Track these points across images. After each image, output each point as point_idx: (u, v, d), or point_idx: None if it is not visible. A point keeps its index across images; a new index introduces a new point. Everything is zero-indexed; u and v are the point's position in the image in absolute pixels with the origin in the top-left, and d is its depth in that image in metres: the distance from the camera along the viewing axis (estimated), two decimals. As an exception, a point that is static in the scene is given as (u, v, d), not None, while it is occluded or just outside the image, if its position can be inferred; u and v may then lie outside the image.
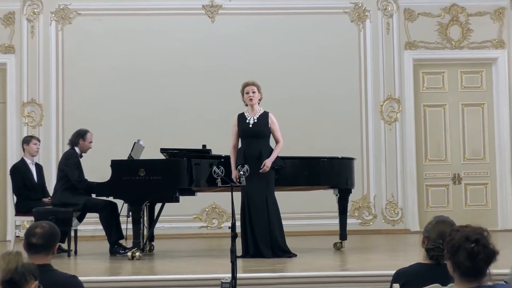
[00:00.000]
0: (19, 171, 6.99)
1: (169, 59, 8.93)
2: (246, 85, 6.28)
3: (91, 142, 6.88)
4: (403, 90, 9.08)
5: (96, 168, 7.20)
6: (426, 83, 9.26)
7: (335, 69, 9.02)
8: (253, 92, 6.23)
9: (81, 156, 6.82)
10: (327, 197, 7.47)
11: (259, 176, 6.03)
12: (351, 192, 6.91)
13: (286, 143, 6.39)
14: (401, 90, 9.08)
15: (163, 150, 6.43)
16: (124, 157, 6.47)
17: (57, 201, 6.60)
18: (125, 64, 8.88)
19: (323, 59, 9.02)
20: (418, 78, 9.23)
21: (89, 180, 6.75)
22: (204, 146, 6.60)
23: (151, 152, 6.71)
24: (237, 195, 5.74)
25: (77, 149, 6.80)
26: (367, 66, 9.07)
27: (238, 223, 5.47)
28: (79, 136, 6.83)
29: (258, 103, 6.29)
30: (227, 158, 6.28)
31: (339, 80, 9.02)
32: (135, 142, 6.68)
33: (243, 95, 6.28)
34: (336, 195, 6.84)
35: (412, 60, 9.12)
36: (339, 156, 6.81)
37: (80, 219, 6.78)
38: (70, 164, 6.66)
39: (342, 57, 9.04)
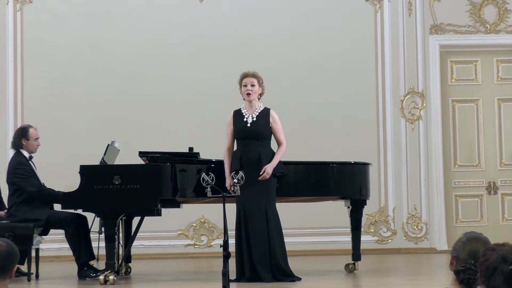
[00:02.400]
0: (-30, 179, 6.98)
1: (149, 45, 8.92)
2: (244, 76, 6.26)
3: (37, 138, 6.77)
4: (428, 82, 9.08)
5: (62, 176, 7.18)
6: (455, 74, 9.27)
7: (347, 58, 9.02)
8: (252, 85, 6.21)
9: (31, 158, 6.76)
10: (337, 210, 7.47)
11: (258, 185, 6.03)
12: (365, 204, 6.91)
13: (289, 145, 6.38)
14: (425, 82, 9.09)
15: (142, 154, 6.42)
16: (96, 161, 6.46)
17: (14, 218, 6.56)
18: (97, 51, 8.87)
19: (332, 46, 9.02)
20: (446, 68, 9.24)
21: (51, 188, 6.74)
22: (191, 149, 6.59)
23: (128, 156, 6.71)
24: (231, 207, 5.74)
25: (23, 151, 6.75)
26: (384, 54, 9.07)
27: (231, 241, 5.48)
28: (20, 136, 6.75)
29: (258, 99, 6.28)
30: (219, 163, 6.28)
31: (351, 71, 9.01)
32: (108, 144, 6.68)
33: (240, 87, 6.27)
34: (348, 207, 6.84)
35: (439, 46, 9.13)
36: (352, 161, 6.81)
37: (43, 233, 6.75)
38: (21, 175, 6.61)
39: (355, 44, 9.04)
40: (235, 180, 5.57)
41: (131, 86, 8.88)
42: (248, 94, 6.20)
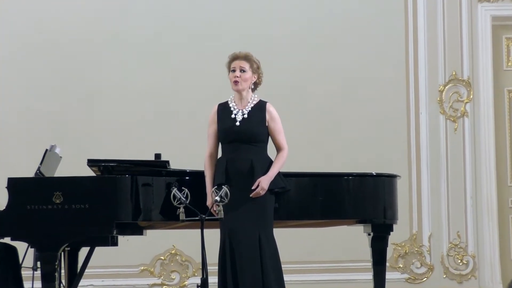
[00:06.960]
0: None
1: (103, 21, 8.95)
2: (234, 58, 6.22)
3: None
4: (476, 67, 9.09)
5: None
6: (512, 56, 9.30)
7: (366, 35, 9.04)
8: (242, 71, 6.17)
9: None
10: (355, 238, 7.48)
11: (249, 204, 6.00)
12: (392, 230, 6.89)
13: (292, 151, 6.36)
14: (472, 67, 9.09)
15: (92, 163, 6.39)
16: (30, 173, 6.42)
17: None
18: (37, 30, 8.91)
19: (351, 24, 9.05)
20: (500, 48, 9.24)
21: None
22: (158, 156, 6.56)
23: (73, 166, 6.68)
24: (212, 234, 5.70)
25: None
26: (418, 31, 9.09)
27: (212, 279, 5.44)
28: None
29: (253, 89, 6.26)
30: (196, 174, 6.25)
31: (375, 54, 9.04)
32: (47, 150, 6.64)
33: (229, 73, 6.25)
34: (369, 235, 6.83)
35: (491, 19, 9.13)
36: (373, 173, 6.79)
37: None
38: None
39: (381, 19, 9.06)
40: (217, 198, 5.54)
41: (77, 76, 8.89)
42: (237, 82, 6.17)
